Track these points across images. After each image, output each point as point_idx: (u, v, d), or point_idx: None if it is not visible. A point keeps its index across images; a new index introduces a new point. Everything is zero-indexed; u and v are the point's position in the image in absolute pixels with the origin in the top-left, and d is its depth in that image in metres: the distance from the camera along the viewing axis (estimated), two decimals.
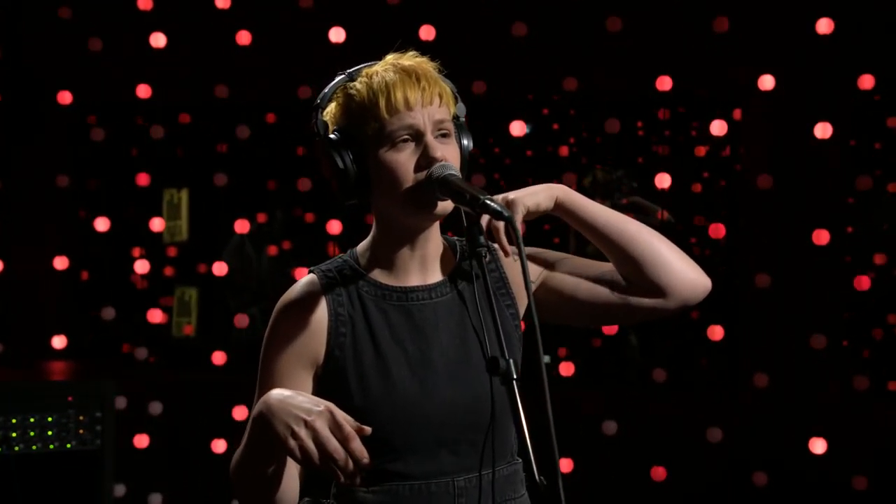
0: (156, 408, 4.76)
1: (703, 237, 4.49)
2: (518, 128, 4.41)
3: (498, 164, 5.01)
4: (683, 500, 4.48)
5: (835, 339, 4.30)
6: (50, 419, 3.81)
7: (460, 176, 1.77)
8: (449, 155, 1.79)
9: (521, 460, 1.88)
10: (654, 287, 1.84)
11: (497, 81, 4.48)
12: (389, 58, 1.84)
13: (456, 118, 1.87)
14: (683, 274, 1.84)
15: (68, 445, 3.81)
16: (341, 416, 1.60)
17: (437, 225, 1.86)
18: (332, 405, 1.60)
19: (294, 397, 1.62)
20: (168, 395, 4.82)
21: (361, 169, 1.79)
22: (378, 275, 1.86)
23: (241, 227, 4.65)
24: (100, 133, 4.87)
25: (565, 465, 4.47)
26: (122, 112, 5.17)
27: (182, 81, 4.91)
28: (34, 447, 3.77)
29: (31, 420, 3.78)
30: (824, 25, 4.19)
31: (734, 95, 4.63)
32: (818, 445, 4.22)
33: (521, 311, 1.93)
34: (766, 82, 4.31)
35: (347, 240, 4.78)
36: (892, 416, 4.38)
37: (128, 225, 5.21)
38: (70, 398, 3.84)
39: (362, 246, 1.91)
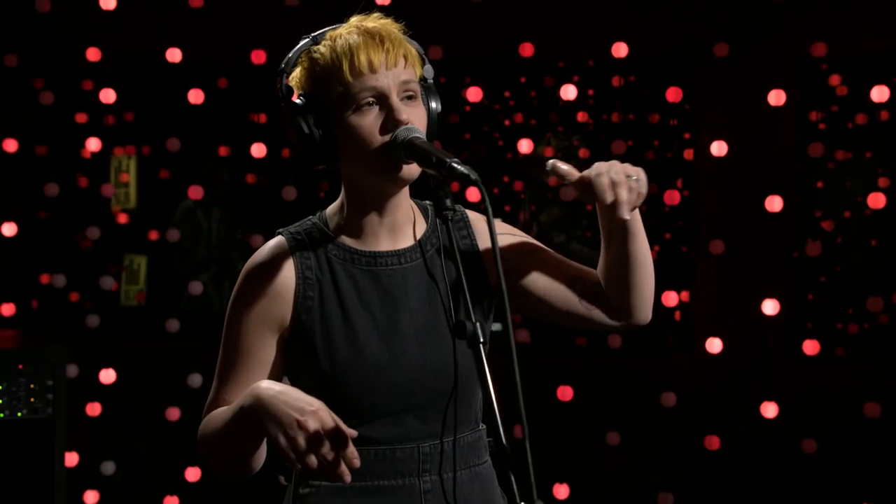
0: (108, 375, 4.71)
1: (658, 204, 4.51)
2: (474, 94, 4.39)
3: (453, 130, 5.01)
4: (638, 464, 4.54)
5: (786, 305, 4.35)
6: (0, 387, 3.76)
7: (426, 139, 1.76)
8: (415, 117, 1.77)
9: (485, 427, 1.89)
10: (624, 309, 1.87)
11: (453, 46, 4.46)
12: (353, 20, 1.83)
13: (423, 80, 1.85)
14: (648, 304, 1.89)
15: (19, 414, 3.77)
16: (333, 416, 1.60)
17: (406, 189, 1.85)
18: (323, 405, 1.61)
19: (286, 394, 1.61)
20: (120, 362, 4.77)
21: (327, 133, 1.77)
22: (347, 239, 1.85)
23: (195, 193, 4.60)
24: (48, 97, 4.78)
25: (520, 431, 4.48)
26: (71, 75, 5.07)
27: (133, 44, 4.83)
28: None
29: None
30: None
31: (689, 62, 4.64)
32: (769, 409, 4.29)
33: (493, 281, 1.92)
34: (720, 49, 4.33)
35: (303, 207, 4.74)
36: (840, 381, 4.46)
37: (78, 191, 5.13)
38: (20, 366, 3.79)
39: (331, 209, 1.89)
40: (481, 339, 1.63)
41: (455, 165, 1.65)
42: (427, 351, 1.80)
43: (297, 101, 1.79)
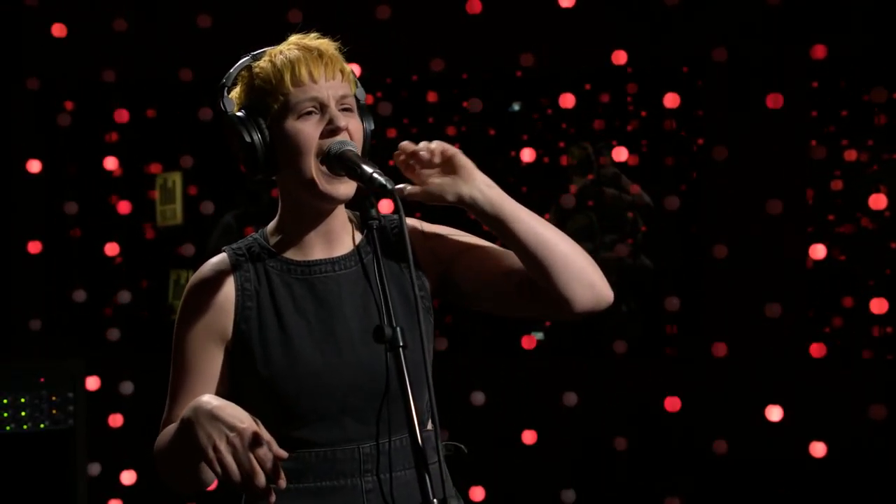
0: (129, 387, 4.83)
1: (661, 209, 4.53)
2: (475, 105, 4.45)
3: (458, 141, 5.07)
4: (645, 469, 4.55)
5: (791, 308, 4.34)
6: (23, 400, 3.88)
7: (358, 152, 1.83)
8: (353, 127, 1.85)
9: (430, 429, 1.91)
10: (559, 296, 1.81)
11: (455, 59, 4.53)
12: (292, 38, 1.91)
13: (357, 100, 1.92)
14: (590, 287, 1.82)
15: (41, 425, 3.89)
16: (265, 436, 1.65)
17: None
18: (257, 423, 1.66)
19: (222, 409, 1.67)
20: (142, 374, 4.88)
21: (267, 144, 1.85)
22: (284, 250, 1.92)
23: (206, 208, 4.71)
24: (73, 118, 4.96)
25: (529, 436, 4.54)
26: (94, 97, 5.22)
27: (146, 65, 4.97)
28: (7, 428, 3.85)
29: (4, 401, 3.85)
30: None
31: (688, 68, 4.66)
32: (775, 413, 4.28)
33: (430, 286, 1.97)
34: (720, 54, 4.35)
35: None
36: (846, 383, 4.43)
37: (105, 208, 5.26)
38: (42, 379, 3.91)
39: (272, 224, 1.98)
40: (400, 343, 1.67)
41: (375, 176, 1.72)
42: (360, 354, 1.85)
43: (239, 113, 1.87)
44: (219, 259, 1.93)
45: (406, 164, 1.83)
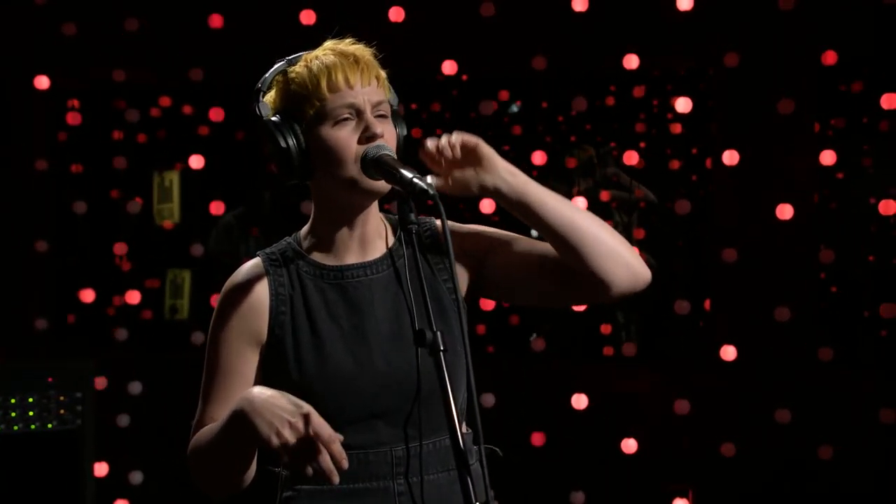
0: (137, 387, 4.83)
1: (671, 213, 4.55)
2: (487, 107, 4.46)
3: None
4: (654, 472, 4.56)
5: (800, 312, 4.36)
6: (31, 400, 3.88)
7: (395, 156, 1.84)
8: (388, 133, 1.86)
9: (470, 431, 1.93)
10: (595, 278, 1.81)
11: (467, 61, 4.54)
12: (328, 44, 1.91)
13: (390, 106, 1.93)
14: (625, 267, 1.81)
15: (49, 425, 3.88)
16: (321, 420, 1.66)
17: (375, 203, 1.92)
18: (311, 409, 1.67)
19: (277, 397, 1.68)
20: (150, 374, 4.88)
21: (303, 149, 1.85)
22: (318, 255, 1.93)
23: (217, 208, 4.71)
24: (80, 117, 4.95)
25: (538, 438, 4.55)
26: (101, 96, 5.22)
27: (157, 65, 4.97)
28: (15, 427, 3.84)
29: (12, 401, 3.85)
30: (788, 1, 4.24)
31: (700, 73, 4.68)
32: (784, 416, 4.30)
33: (464, 286, 1.98)
34: (731, 59, 4.36)
35: None
36: (855, 387, 4.45)
37: (111, 208, 5.26)
38: (50, 379, 3.91)
39: (305, 229, 1.98)
40: (441, 348, 1.68)
41: (416, 181, 1.72)
42: (391, 358, 1.86)
43: (274, 118, 1.87)
44: (253, 264, 1.94)
45: (431, 159, 1.83)
